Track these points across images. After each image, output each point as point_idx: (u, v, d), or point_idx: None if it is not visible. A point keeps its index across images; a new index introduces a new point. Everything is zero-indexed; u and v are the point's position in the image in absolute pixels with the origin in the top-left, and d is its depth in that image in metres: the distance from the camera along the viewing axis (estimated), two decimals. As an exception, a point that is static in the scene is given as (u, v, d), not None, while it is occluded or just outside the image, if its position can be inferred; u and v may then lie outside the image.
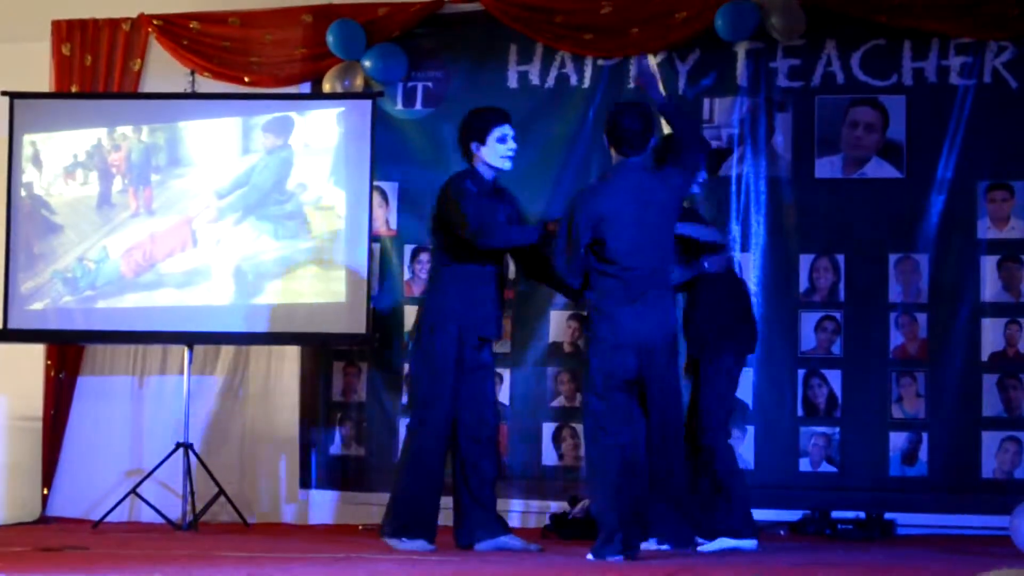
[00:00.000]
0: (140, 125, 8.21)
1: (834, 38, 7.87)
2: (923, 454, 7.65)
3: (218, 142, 8.16)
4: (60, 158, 8.23)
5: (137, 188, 8.21)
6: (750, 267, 7.87)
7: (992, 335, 7.65)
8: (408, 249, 8.28)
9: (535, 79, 8.22)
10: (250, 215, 8.11)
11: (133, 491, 7.97)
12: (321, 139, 8.05)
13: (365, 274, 7.94)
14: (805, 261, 7.85)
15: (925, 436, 7.66)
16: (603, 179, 6.54)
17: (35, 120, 8.22)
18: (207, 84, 8.44)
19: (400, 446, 8.18)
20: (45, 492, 8.47)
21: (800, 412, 7.80)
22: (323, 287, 7.98)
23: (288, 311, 7.97)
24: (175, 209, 8.17)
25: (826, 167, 7.87)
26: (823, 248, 7.83)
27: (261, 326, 7.98)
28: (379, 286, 8.22)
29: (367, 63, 8.23)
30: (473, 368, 6.62)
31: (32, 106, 8.25)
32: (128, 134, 8.24)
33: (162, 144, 8.21)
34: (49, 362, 8.51)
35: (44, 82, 8.64)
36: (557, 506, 7.72)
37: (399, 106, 8.35)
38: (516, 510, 7.95)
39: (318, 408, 8.34)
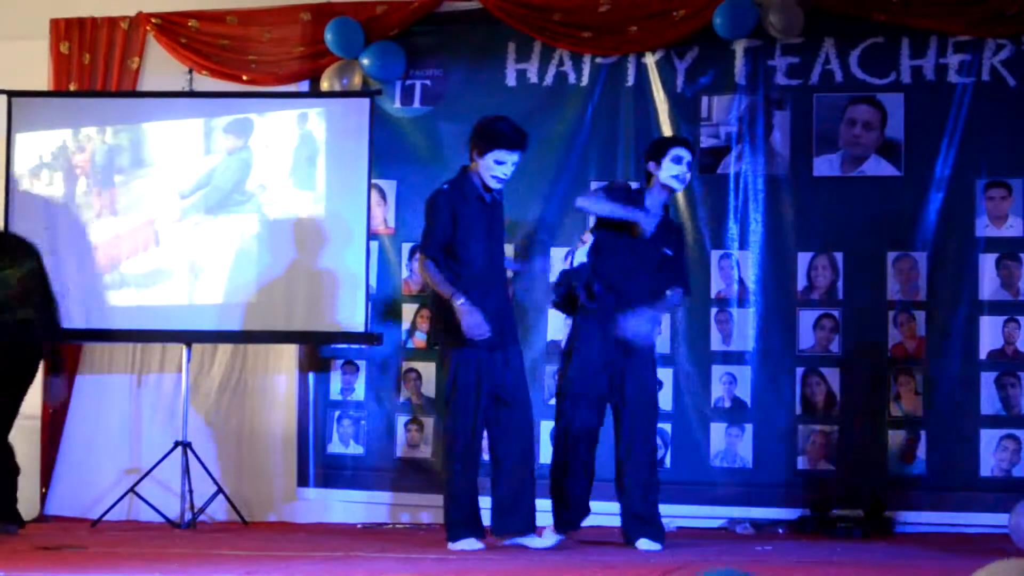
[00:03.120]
0: (104, 126, 8.21)
1: (832, 36, 7.86)
2: (921, 452, 7.64)
3: (180, 143, 8.16)
4: (26, 159, 8.22)
5: (101, 189, 8.21)
6: (748, 265, 7.87)
7: (990, 333, 7.64)
8: (406, 247, 8.27)
9: (533, 77, 8.21)
10: (211, 215, 8.12)
11: (132, 490, 7.96)
12: (281, 140, 8.07)
13: (364, 272, 7.94)
14: (803, 259, 7.84)
15: (923, 434, 7.65)
16: None
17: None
18: (204, 82, 8.44)
19: (398, 445, 8.20)
20: (43, 491, 8.46)
21: (799, 410, 7.79)
22: (296, 285, 8.00)
23: (264, 309, 7.98)
24: (138, 210, 8.17)
25: (824, 165, 7.86)
26: (821, 246, 7.82)
27: (238, 325, 8.00)
28: (377, 284, 8.23)
29: (365, 61, 8.22)
30: None
31: (25, 105, 8.25)
32: (92, 135, 8.23)
33: (126, 145, 8.20)
34: (47, 360, 8.49)
35: (43, 80, 8.63)
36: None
37: (397, 104, 8.34)
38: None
39: (316, 406, 8.33)
